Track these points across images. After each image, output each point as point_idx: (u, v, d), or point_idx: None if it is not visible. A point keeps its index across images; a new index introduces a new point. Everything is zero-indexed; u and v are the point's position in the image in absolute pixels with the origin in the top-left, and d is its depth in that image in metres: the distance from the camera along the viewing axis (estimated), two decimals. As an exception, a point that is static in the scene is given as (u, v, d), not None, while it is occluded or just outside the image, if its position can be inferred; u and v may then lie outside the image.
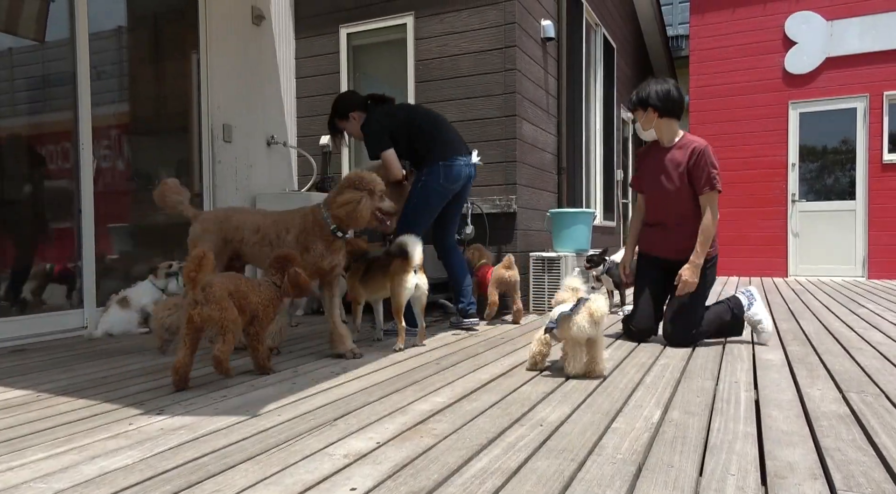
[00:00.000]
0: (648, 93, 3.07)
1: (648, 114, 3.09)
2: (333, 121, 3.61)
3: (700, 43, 8.47)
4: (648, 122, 3.11)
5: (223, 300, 2.26)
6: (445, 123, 3.60)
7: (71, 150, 3.79)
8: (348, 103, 3.57)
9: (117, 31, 4.11)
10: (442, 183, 3.42)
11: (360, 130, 3.52)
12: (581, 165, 6.45)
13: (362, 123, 3.51)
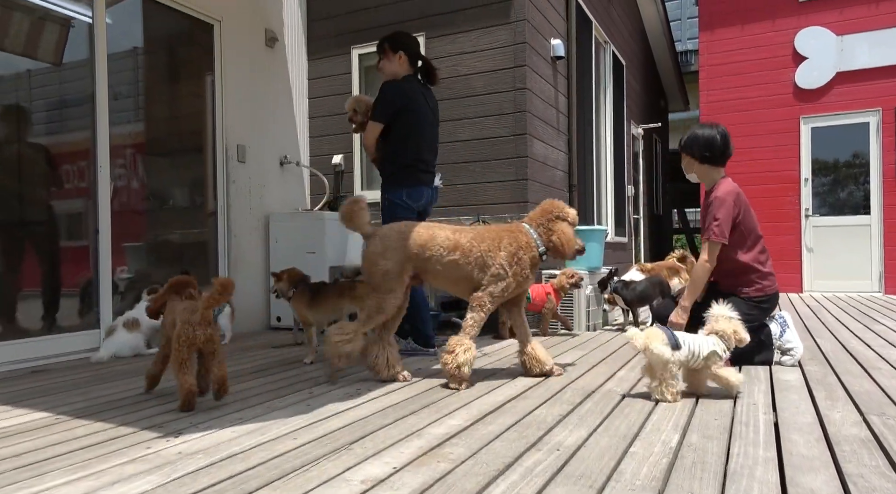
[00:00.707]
0: (689, 139, 3.11)
1: (688, 159, 3.14)
2: (384, 45, 3.52)
3: (709, 58, 8.49)
4: (689, 167, 3.16)
5: (213, 323, 2.35)
6: (431, 152, 3.57)
7: (87, 171, 3.84)
8: (406, 45, 3.49)
9: (133, 52, 4.19)
10: (405, 200, 3.45)
11: (387, 77, 3.48)
12: (592, 182, 6.45)
13: (389, 79, 3.46)
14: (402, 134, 3.43)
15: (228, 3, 4.73)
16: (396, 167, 3.44)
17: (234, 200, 4.77)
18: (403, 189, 3.42)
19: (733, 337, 2.34)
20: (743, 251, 3.01)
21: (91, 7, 3.82)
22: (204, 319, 2.30)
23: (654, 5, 8.96)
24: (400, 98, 3.39)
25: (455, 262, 2.74)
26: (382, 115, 3.41)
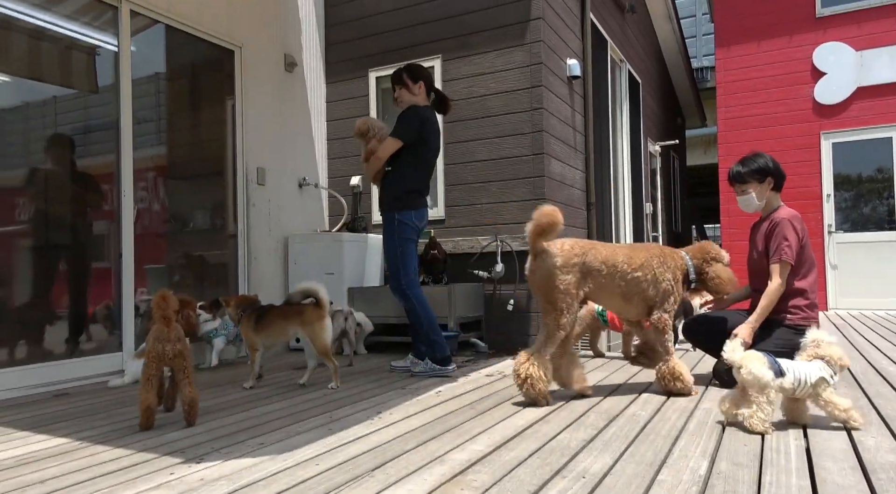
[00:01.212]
0: (765, 164, 3.05)
1: (766, 186, 3.06)
2: (402, 75, 3.66)
3: (726, 75, 8.47)
4: (764, 192, 3.07)
5: (184, 340, 2.46)
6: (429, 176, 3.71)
7: (111, 195, 3.91)
8: (424, 75, 3.67)
9: (156, 78, 4.28)
10: (414, 220, 3.58)
11: (406, 106, 3.61)
12: (609, 200, 6.42)
13: (411, 106, 3.58)
14: (416, 160, 3.57)
15: (249, 29, 4.83)
16: (406, 191, 3.55)
17: (254, 222, 4.82)
18: (413, 210, 3.56)
19: (839, 363, 2.19)
20: (798, 277, 2.97)
21: (116, 36, 3.92)
22: (174, 335, 2.41)
23: (669, 23, 8.98)
24: (423, 125, 3.53)
25: (637, 279, 2.83)
26: (406, 136, 3.52)
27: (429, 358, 3.54)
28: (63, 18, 3.65)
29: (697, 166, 12.44)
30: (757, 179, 3.05)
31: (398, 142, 3.52)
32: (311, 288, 3.16)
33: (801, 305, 2.98)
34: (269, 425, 2.44)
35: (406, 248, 3.56)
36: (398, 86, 3.68)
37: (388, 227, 3.58)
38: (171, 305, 2.43)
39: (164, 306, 2.42)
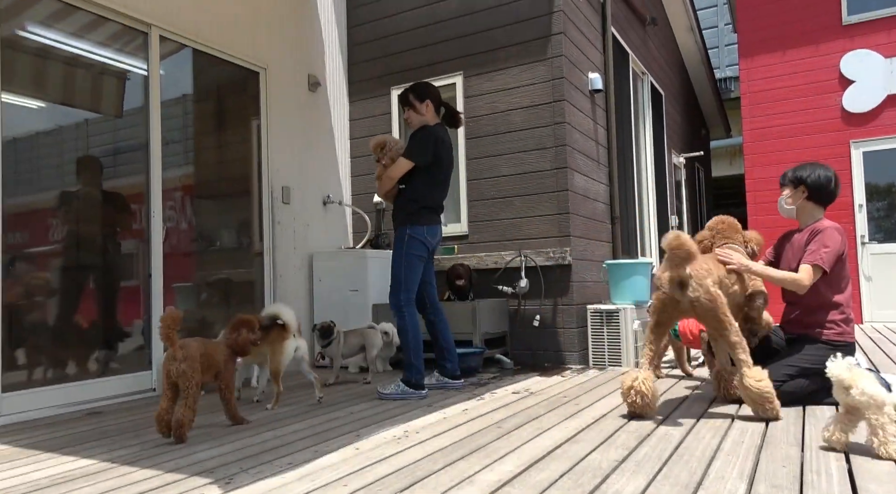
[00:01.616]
0: (808, 174, 3.05)
1: (798, 192, 3.07)
2: (408, 97, 3.67)
3: (751, 85, 8.36)
4: (796, 199, 3.08)
5: (196, 360, 2.60)
6: (445, 197, 3.70)
7: (140, 215, 3.98)
8: (430, 93, 3.66)
9: (183, 100, 4.36)
10: (426, 236, 3.55)
11: (417, 126, 3.61)
12: (634, 213, 6.36)
13: (423, 126, 3.59)
14: (430, 180, 3.57)
15: (274, 51, 4.91)
16: (419, 208, 3.55)
17: (279, 240, 4.86)
18: (425, 226, 3.55)
19: None
20: (835, 290, 2.91)
21: (146, 61, 4.02)
22: (179, 355, 2.57)
23: (691, 34, 8.92)
24: (437, 146, 3.53)
25: (736, 292, 2.86)
26: (419, 157, 3.52)
27: (402, 381, 3.45)
28: (96, 45, 3.76)
29: (723, 177, 12.27)
30: (791, 184, 3.10)
31: (410, 164, 3.51)
32: (277, 312, 3.27)
33: (838, 320, 2.90)
34: (296, 444, 2.43)
35: (411, 264, 3.52)
36: (406, 107, 3.69)
37: (397, 242, 3.57)
38: (173, 324, 2.57)
39: (164, 325, 2.55)
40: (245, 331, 2.86)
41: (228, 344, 2.84)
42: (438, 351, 3.69)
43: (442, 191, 3.65)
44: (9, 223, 3.27)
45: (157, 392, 3.85)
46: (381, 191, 3.69)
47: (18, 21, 3.38)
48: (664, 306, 2.72)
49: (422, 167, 3.53)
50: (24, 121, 3.43)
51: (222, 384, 2.79)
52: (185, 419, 2.53)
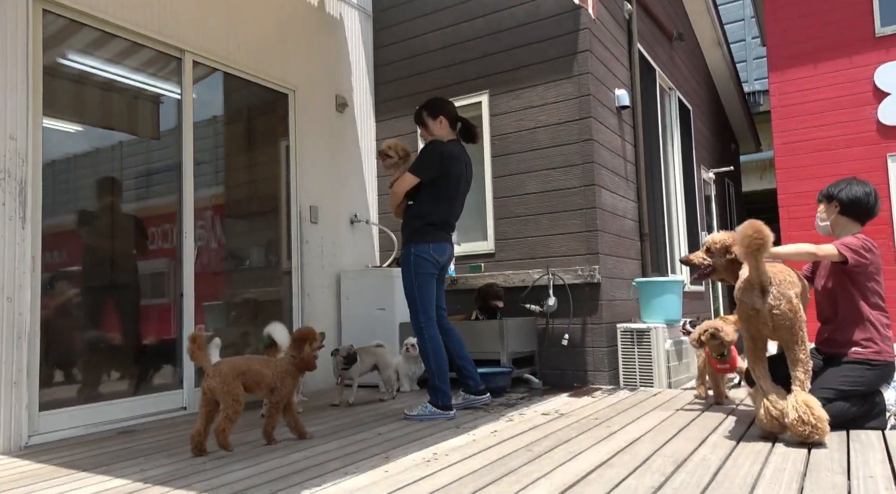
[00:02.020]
0: (840, 189, 3.01)
1: (831, 207, 3.02)
2: (421, 115, 3.66)
3: (782, 99, 8.23)
4: (829, 214, 3.03)
5: (231, 378, 2.67)
6: (457, 216, 3.65)
7: (171, 234, 4.05)
8: (444, 108, 3.63)
9: (214, 121, 4.45)
10: (432, 254, 3.49)
11: (428, 139, 3.61)
12: (663, 230, 6.27)
13: (432, 141, 3.57)
14: (437, 196, 3.51)
15: (302, 73, 5.00)
16: (422, 224, 3.50)
17: (307, 259, 4.90)
18: (430, 244, 3.49)
19: None
20: (869, 304, 2.82)
21: (180, 85, 4.12)
22: (214, 373, 2.67)
23: (718, 49, 8.84)
24: (443, 161, 3.48)
25: None
26: (424, 173, 3.48)
27: (429, 403, 3.41)
28: (131, 70, 3.87)
29: (754, 192, 12.05)
30: (825, 200, 3.06)
31: (415, 179, 3.48)
32: (270, 331, 3.51)
33: (875, 337, 2.79)
34: (326, 466, 2.42)
35: (423, 283, 3.47)
36: (420, 126, 3.69)
37: (405, 261, 3.52)
38: (199, 345, 2.70)
39: (191, 346, 2.68)
40: (307, 346, 2.89)
41: (293, 362, 2.88)
42: (458, 371, 3.64)
43: (449, 207, 3.56)
44: (46, 243, 3.35)
45: (187, 410, 3.88)
46: (391, 206, 3.69)
47: (60, 50, 3.49)
48: (749, 318, 2.58)
49: (427, 182, 3.49)
50: (63, 144, 3.53)
51: (279, 399, 2.84)
52: (221, 426, 2.65)
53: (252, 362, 2.82)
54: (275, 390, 2.84)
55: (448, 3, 5.36)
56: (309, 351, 2.91)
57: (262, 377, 2.81)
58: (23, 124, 3.22)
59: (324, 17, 5.27)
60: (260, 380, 2.80)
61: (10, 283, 3.09)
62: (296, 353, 2.91)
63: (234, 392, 2.68)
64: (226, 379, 2.67)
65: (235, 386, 2.69)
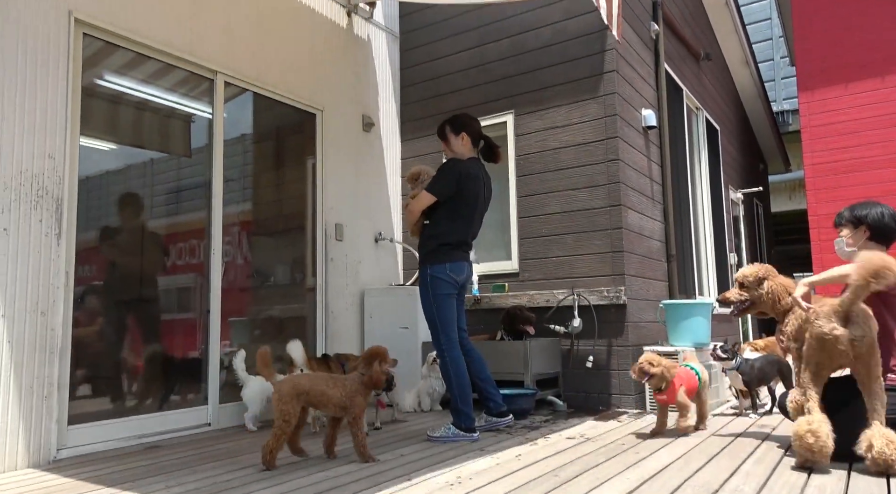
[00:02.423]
0: (868, 212, 2.93)
1: (859, 233, 2.94)
2: (444, 129, 3.65)
3: (812, 119, 8.10)
4: (857, 240, 2.94)
5: (288, 398, 2.71)
6: (474, 235, 3.62)
7: (198, 250, 4.11)
8: (468, 125, 3.60)
9: (242, 139, 4.52)
10: (449, 274, 3.46)
11: (448, 155, 3.61)
12: (691, 251, 6.17)
13: (450, 159, 3.55)
14: (453, 215, 3.48)
15: (330, 94, 5.07)
16: (438, 244, 3.47)
17: (332, 277, 4.93)
18: (447, 263, 3.45)
19: None
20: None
21: (211, 104, 4.21)
22: (276, 390, 2.75)
23: (746, 68, 8.76)
24: (460, 180, 3.44)
25: None
26: (440, 192, 3.47)
27: (452, 424, 3.37)
28: (164, 90, 3.97)
29: (783, 212, 11.84)
30: (850, 224, 2.95)
31: (431, 198, 3.47)
32: (288, 349, 3.70)
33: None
34: (348, 487, 2.40)
35: (441, 304, 3.44)
36: (442, 140, 3.67)
37: (422, 282, 3.49)
38: (265, 360, 2.80)
39: (259, 362, 2.80)
40: (377, 364, 2.88)
41: (363, 381, 2.87)
42: (479, 392, 3.60)
43: (465, 227, 3.52)
44: (77, 258, 3.42)
45: (211, 426, 3.90)
46: (407, 225, 3.67)
47: (97, 71, 3.60)
48: (823, 343, 2.51)
49: (443, 201, 3.47)
50: (96, 161, 3.61)
51: (349, 418, 2.82)
52: (268, 444, 2.71)
53: (317, 381, 2.82)
54: (347, 409, 2.81)
55: (473, 25, 5.41)
56: (378, 369, 2.87)
57: (327, 396, 2.79)
58: (61, 143, 3.31)
59: (352, 38, 5.36)
60: (325, 400, 2.79)
61: (44, 298, 3.16)
62: (365, 371, 2.89)
63: (286, 411, 2.69)
64: (283, 398, 2.71)
65: (290, 407, 2.71)
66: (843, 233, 2.99)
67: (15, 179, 3.10)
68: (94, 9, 3.50)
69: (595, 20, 4.74)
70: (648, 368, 3.27)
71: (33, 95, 3.20)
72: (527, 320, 4.42)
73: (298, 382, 2.79)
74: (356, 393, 2.84)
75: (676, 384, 3.34)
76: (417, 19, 5.79)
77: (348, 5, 5.31)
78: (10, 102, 3.11)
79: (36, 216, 3.17)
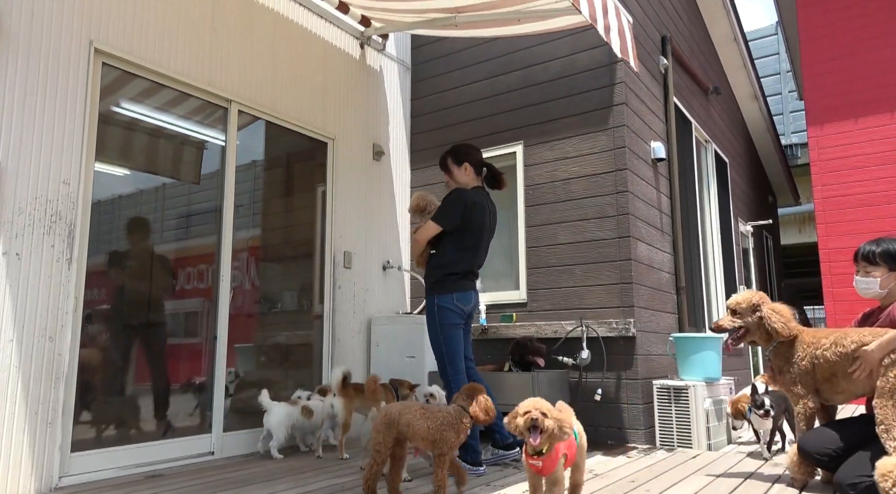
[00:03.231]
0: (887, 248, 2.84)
1: (893, 275, 2.82)
2: (446, 161, 3.67)
3: (821, 153, 8.11)
4: (888, 282, 2.83)
5: (381, 428, 2.61)
6: (480, 264, 3.60)
7: (206, 275, 4.11)
8: (469, 155, 3.62)
9: (253, 166, 4.57)
10: (456, 304, 3.44)
11: (452, 186, 3.61)
12: (700, 283, 6.13)
13: (455, 189, 3.55)
14: (459, 244, 3.48)
15: (342, 123, 5.14)
16: (444, 274, 3.45)
17: (339, 304, 4.92)
18: (454, 293, 3.44)
19: None
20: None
21: (225, 132, 4.27)
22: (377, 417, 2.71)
23: (755, 102, 8.83)
24: (466, 209, 3.45)
25: None
26: (446, 222, 3.47)
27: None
28: (178, 118, 4.03)
29: (792, 245, 11.79)
30: (888, 265, 2.81)
31: (437, 228, 3.47)
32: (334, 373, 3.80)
33: None
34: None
35: (449, 334, 3.41)
36: (444, 171, 3.68)
37: (429, 313, 3.47)
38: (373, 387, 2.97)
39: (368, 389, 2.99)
40: (483, 398, 2.67)
41: (472, 414, 2.63)
42: None
43: (472, 256, 3.51)
44: (87, 281, 3.43)
45: (215, 455, 3.85)
46: (412, 255, 3.67)
47: (114, 98, 3.67)
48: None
49: (449, 231, 3.47)
50: (108, 186, 3.65)
51: (439, 453, 2.58)
52: (364, 477, 2.63)
53: (406, 411, 2.63)
54: (435, 443, 2.57)
55: (484, 57, 5.49)
56: (483, 401, 2.65)
57: (414, 428, 2.58)
58: (76, 170, 3.35)
59: (364, 69, 5.45)
60: (412, 432, 2.59)
61: (52, 323, 3.17)
62: (465, 404, 2.64)
63: (378, 441, 2.57)
64: (377, 428, 2.61)
65: (384, 436, 2.58)
66: (876, 274, 2.84)
67: (30, 205, 3.13)
68: (115, 39, 3.58)
69: (603, 54, 4.80)
70: (540, 421, 2.19)
71: (52, 123, 3.26)
72: (537, 352, 4.37)
73: (389, 411, 2.63)
74: (448, 427, 2.57)
75: (559, 451, 2.31)
76: (429, 51, 5.89)
77: (361, 37, 5.41)
78: (29, 130, 3.17)
79: (48, 241, 3.19)
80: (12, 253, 3.04)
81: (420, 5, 4.62)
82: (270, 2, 4.63)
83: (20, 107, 3.13)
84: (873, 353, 2.59)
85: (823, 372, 2.74)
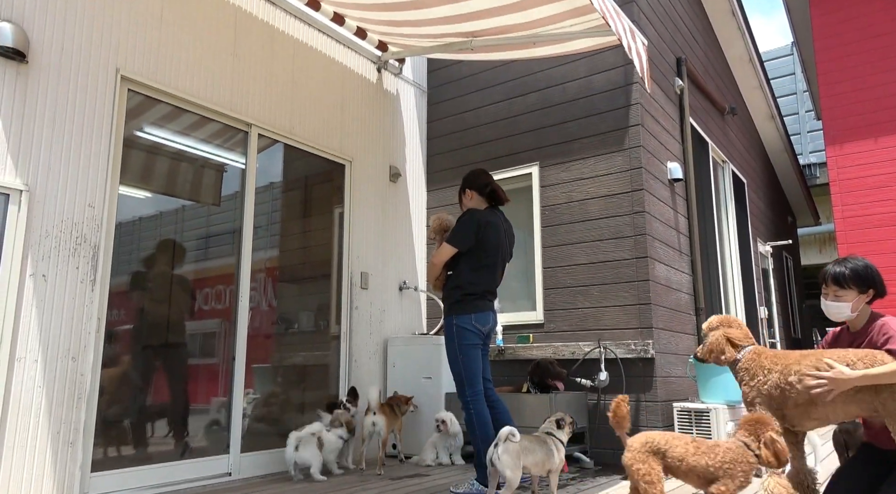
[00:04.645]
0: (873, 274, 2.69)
1: (862, 298, 2.67)
2: (459, 193, 3.79)
3: (840, 173, 8.04)
4: (860, 302, 2.69)
5: (642, 455, 2.37)
6: (497, 284, 3.61)
7: (225, 295, 4.15)
8: (470, 182, 3.71)
9: (271, 188, 4.63)
10: (474, 324, 3.44)
11: (463, 208, 3.68)
12: (720, 304, 6.06)
13: (468, 210, 3.60)
14: (476, 264, 3.49)
15: (359, 145, 5.21)
16: (462, 295, 3.46)
17: (356, 325, 4.93)
18: (472, 314, 3.44)
19: None
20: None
21: (245, 155, 4.34)
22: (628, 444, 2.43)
23: (772, 122, 8.80)
24: (479, 229, 3.47)
25: None
26: (460, 242, 3.49)
27: (476, 480, 3.29)
28: (199, 141, 4.11)
29: (813, 266, 11.62)
30: (858, 288, 2.67)
31: (452, 249, 3.49)
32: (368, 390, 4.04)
33: None
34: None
35: (467, 355, 3.41)
36: (459, 203, 3.79)
37: (448, 333, 3.48)
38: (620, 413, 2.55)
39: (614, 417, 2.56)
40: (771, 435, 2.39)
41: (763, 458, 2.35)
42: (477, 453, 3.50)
43: (488, 276, 3.52)
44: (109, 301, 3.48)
45: (231, 476, 3.85)
46: (429, 278, 3.68)
47: (137, 123, 3.76)
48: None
49: (464, 252, 3.49)
50: (131, 208, 3.72)
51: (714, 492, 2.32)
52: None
53: (679, 441, 2.39)
54: (715, 482, 2.31)
55: (500, 80, 5.55)
56: (773, 442, 2.36)
57: (689, 464, 2.33)
58: (101, 193, 3.43)
59: (381, 92, 5.53)
60: (686, 467, 2.34)
61: (76, 344, 3.21)
62: (750, 441, 2.40)
63: (643, 472, 2.31)
64: (636, 456, 2.36)
65: (649, 466, 2.33)
66: (847, 296, 2.66)
67: (56, 227, 3.21)
68: (140, 66, 3.69)
69: (619, 76, 4.84)
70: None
71: (78, 148, 3.35)
72: (557, 376, 4.33)
73: (652, 438, 2.41)
74: (735, 464, 2.32)
75: None
76: (445, 74, 5.97)
77: (378, 62, 5.51)
78: (57, 155, 3.25)
79: (73, 263, 3.26)
80: (39, 275, 3.11)
81: (436, 30, 4.71)
82: (291, 29, 4.74)
83: (49, 134, 3.23)
84: (851, 380, 2.43)
85: (798, 397, 2.62)
